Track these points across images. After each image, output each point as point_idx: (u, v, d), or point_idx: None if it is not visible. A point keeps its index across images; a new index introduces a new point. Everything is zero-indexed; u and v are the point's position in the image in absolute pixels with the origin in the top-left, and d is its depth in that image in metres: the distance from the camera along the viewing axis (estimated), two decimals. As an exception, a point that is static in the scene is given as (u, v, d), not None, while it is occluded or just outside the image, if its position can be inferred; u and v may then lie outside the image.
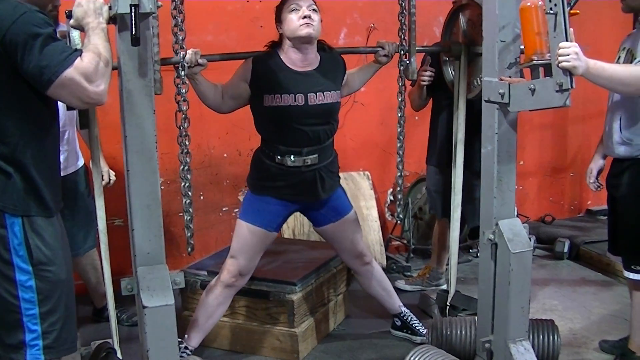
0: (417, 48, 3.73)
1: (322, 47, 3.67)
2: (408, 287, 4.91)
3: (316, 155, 3.57)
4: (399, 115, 3.78)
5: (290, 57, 3.54)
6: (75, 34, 2.83)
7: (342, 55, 3.79)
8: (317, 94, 3.53)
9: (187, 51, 3.22)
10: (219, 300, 3.71)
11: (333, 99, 3.61)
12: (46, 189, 2.51)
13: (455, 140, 3.94)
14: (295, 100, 3.49)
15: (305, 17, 3.44)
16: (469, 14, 3.81)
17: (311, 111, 3.53)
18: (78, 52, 2.36)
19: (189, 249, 3.24)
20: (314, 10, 3.50)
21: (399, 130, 3.78)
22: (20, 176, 2.44)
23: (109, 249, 3.31)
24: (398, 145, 3.81)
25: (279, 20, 3.56)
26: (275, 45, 3.62)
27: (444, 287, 4.86)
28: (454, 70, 3.97)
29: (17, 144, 2.42)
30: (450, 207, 4.20)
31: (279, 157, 3.56)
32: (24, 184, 2.45)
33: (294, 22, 3.46)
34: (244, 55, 3.62)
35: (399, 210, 3.97)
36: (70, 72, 2.30)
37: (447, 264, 4.51)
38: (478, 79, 3.73)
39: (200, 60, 3.28)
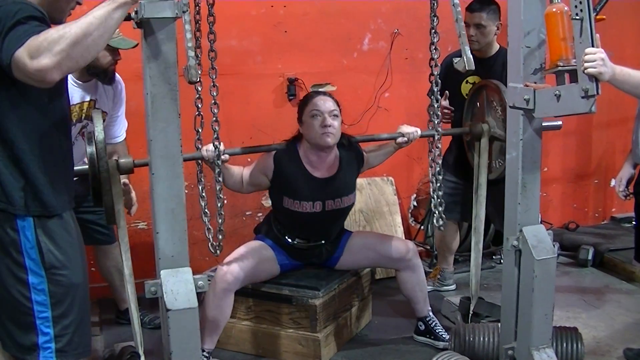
0: (441, 131, 3.76)
1: (341, 141, 3.75)
2: None
3: (324, 241, 3.87)
4: (435, 122, 3.72)
5: (310, 159, 3.69)
6: None
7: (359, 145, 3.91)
8: (335, 200, 3.75)
9: (210, 148, 3.37)
10: (216, 303, 3.65)
11: (350, 202, 3.84)
12: (50, 187, 2.47)
13: (475, 215, 3.94)
14: (313, 208, 3.70)
15: (325, 125, 3.56)
16: (488, 94, 3.83)
17: (327, 216, 3.76)
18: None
19: (218, 251, 3.31)
20: (334, 116, 3.62)
21: (436, 138, 3.72)
22: (24, 175, 2.42)
23: (131, 251, 3.32)
24: (435, 154, 3.73)
25: (300, 119, 3.69)
26: (296, 139, 3.76)
27: (453, 287, 5.01)
28: (474, 150, 4.01)
29: (16, 142, 2.39)
30: (456, 209, 4.43)
31: (287, 237, 3.82)
32: (29, 184, 2.42)
33: (314, 129, 3.59)
34: (265, 148, 3.81)
35: (440, 220, 3.78)
36: (19, 51, 2.15)
37: (464, 267, 4.54)
38: (498, 161, 3.84)
39: (222, 157, 3.40)
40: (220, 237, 3.38)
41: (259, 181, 3.75)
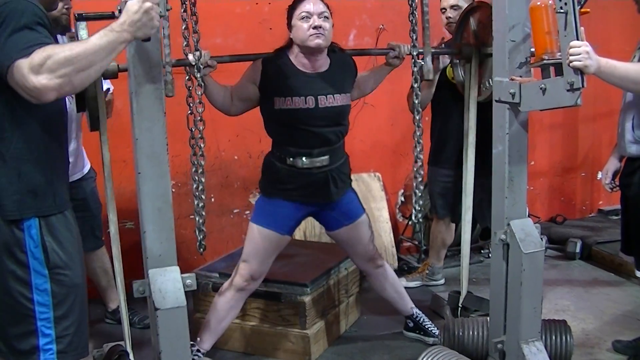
0: (430, 49, 3.70)
1: (333, 49, 3.62)
2: (411, 284, 4.99)
3: (327, 156, 3.55)
4: (417, 117, 3.69)
5: (300, 61, 3.51)
6: (82, 33, 2.82)
7: (352, 57, 3.76)
8: (327, 96, 3.51)
9: (196, 53, 3.20)
10: (231, 304, 3.69)
11: (343, 102, 3.58)
12: (53, 184, 2.45)
13: (466, 144, 3.92)
14: (305, 103, 3.47)
15: (315, 27, 3.40)
16: (480, 16, 3.81)
17: (321, 114, 3.51)
18: (44, 45, 2.19)
19: (201, 250, 3.25)
20: (325, 17, 3.45)
21: (417, 133, 3.68)
22: (31, 171, 2.38)
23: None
24: (418, 149, 3.70)
25: (289, 24, 3.53)
26: (285, 47, 3.59)
27: (442, 282, 5.04)
28: (464, 72, 3.96)
29: (14, 138, 2.35)
30: (454, 207, 4.37)
31: (290, 159, 3.53)
32: (37, 180, 2.39)
33: (304, 31, 3.41)
34: (254, 56, 3.60)
35: (419, 215, 3.82)
36: (22, 61, 2.13)
37: (452, 262, 4.56)
38: (488, 80, 3.73)
39: (209, 62, 3.25)
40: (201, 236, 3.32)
41: (248, 92, 3.56)
